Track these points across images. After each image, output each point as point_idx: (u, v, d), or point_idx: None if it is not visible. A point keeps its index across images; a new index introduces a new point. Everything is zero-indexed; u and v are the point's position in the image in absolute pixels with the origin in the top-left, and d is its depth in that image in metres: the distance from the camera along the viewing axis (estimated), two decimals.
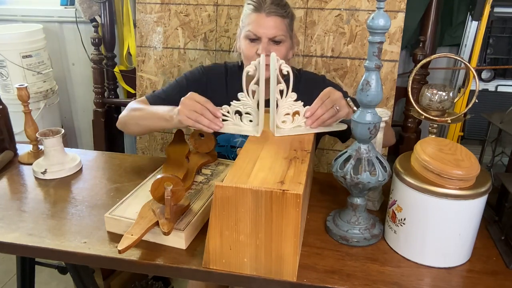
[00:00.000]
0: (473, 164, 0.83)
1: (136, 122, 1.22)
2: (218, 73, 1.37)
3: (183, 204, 0.95)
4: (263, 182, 0.79)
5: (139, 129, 1.24)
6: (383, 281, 0.83)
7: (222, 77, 1.37)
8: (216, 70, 1.38)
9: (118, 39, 2.22)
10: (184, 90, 1.27)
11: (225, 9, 1.81)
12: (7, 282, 1.97)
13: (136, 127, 1.24)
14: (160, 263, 0.87)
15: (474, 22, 1.82)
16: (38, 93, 2.16)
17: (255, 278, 0.84)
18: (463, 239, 0.86)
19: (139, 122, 1.21)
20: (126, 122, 1.25)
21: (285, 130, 1.04)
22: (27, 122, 1.30)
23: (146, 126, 1.20)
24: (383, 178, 0.88)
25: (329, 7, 1.71)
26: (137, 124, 1.22)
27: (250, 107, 1.04)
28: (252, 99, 1.03)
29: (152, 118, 1.17)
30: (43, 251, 0.94)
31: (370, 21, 0.81)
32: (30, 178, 1.22)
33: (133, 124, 1.23)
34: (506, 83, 1.91)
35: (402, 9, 1.65)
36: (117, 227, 0.95)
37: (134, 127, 1.24)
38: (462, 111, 0.98)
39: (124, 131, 1.30)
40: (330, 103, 1.02)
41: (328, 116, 1.03)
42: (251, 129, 1.05)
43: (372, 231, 0.95)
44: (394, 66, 1.71)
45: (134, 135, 1.34)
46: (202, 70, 1.37)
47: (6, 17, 2.41)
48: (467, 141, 1.95)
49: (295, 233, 0.79)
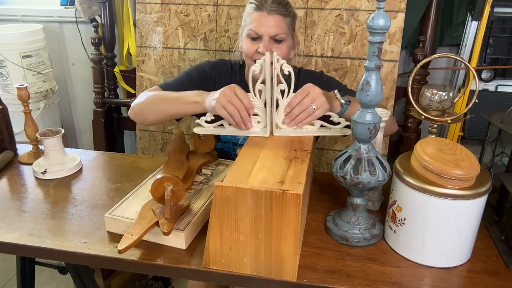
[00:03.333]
0: (473, 164, 0.83)
1: (156, 108, 1.18)
2: (225, 70, 1.38)
3: (183, 204, 0.95)
4: (263, 182, 0.79)
5: (157, 116, 1.20)
6: (383, 281, 0.83)
7: (228, 74, 1.37)
8: (224, 67, 1.39)
9: (118, 39, 2.22)
10: (194, 82, 1.29)
11: (225, 9, 1.81)
12: (7, 282, 1.98)
13: (154, 114, 1.20)
14: (160, 263, 0.87)
15: (474, 22, 1.82)
16: (38, 93, 2.16)
17: (255, 278, 0.84)
18: (463, 239, 0.86)
19: (159, 108, 1.18)
20: (142, 109, 1.21)
21: (285, 131, 1.04)
22: (27, 122, 1.30)
23: (168, 111, 1.16)
24: (383, 178, 0.88)
25: (329, 7, 1.71)
26: (156, 111, 1.19)
27: (257, 108, 1.03)
28: (259, 99, 1.02)
29: (176, 103, 1.14)
30: (43, 251, 0.94)
31: (370, 21, 0.81)
32: (30, 178, 1.22)
33: (152, 111, 1.19)
34: (506, 83, 1.91)
35: (402, 9, 1.65)
36: (117, 227, 0.95)
37: (153, 114, 1.20)
38: (462, 111, 0.98)
39: (138, 119, 1.27)
40: (308, 101, 1.02)
41: (305, 116, 1.02)
42: (259, 130, 1.04)
43: (372, 231, 0.95)
44: (394, 66, 1.71)
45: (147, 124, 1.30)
46: (212, 65, 1.37)
47: (6, 17, 2.41)
48: (467, 141, 1.95)
49: (295, 233, 0.79)
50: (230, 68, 1.38)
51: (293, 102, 1.02)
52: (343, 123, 1.06)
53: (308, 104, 1.02)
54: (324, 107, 1.03)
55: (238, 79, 1.36)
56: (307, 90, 1.03)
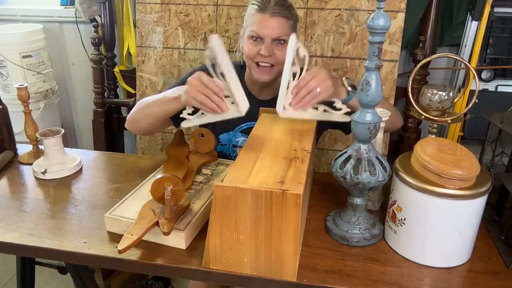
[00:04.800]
0: (473, 164, 0.83)
1: (145, 114, 1.21)
2: None
3: (183, 204, 0.95)
4: (263, 182, 0.79)
5: (148, 121, 1.22)
6: (383, 281, 0.83)
7: None
8: None
9: (118, 39, 2.22)
10: None
11: (225, 9, 1.81)
12: (7, 282, 1.98)
13: (145, 120, 1.22)
14: (160, 263, 0.87)
15: (474, 22, 1.82)
16: (38, 93, 2.16)
17: (255, 278, 0.84)
18: (463, 239, 0.86)
19: (147, 112, 1.20)
20: (134, 118, 1.25)
21: (290, 113, 1.04)
22: (27, 122, 1.30)
23: (155, 113, 1.19)
24: (383, 178, 0.88)
25: (329, 7, 1.71)
26: (145, 116, 1.21)
27: (226, 89, 1.03)
28: (224, 81, 1.02)
29: (159, 104, 1.17)
30: (43, 251, 0.94)
31: (370, 21, 0.81)
32: (30, 178, 1.22)
33: (142, 117, 1.22)
34: (506, 83, 1.91)
35: (402, 9, 1.65)
36: (117, 227, 0.95)
37: (143, 120, 1.22)
38: (462, 111, 0.98)
39: (134, 129, 1.29)
40: (314, 84, 1.02)
41: (309, 99, 1.03)
42: (233, 110, 1.04)
43: (372, 231, 0.95)
44: (394, 66, 1.71)
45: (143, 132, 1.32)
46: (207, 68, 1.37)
47: (6, 17, 2.41)
48: (467, 141, 1.95)
49: (295, 233, 0.79)
50: None
51: (300, 84, 1.03)
52: (344, 109, 1.06)
53: (314, 87, 1.02)
54: (328, 91, 1.03)
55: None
56: (314, 73, 1.03)
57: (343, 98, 1.09)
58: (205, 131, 1.19)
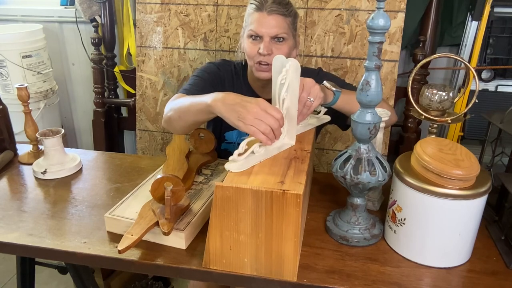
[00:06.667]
0: (473, 164, 0.83)
1: (179, 117, 1.10)
2: (229, 70, 1.38)
3: (183, 204, 0.95)
4: (263, 182, 0.79)
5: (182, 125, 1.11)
6: (383, 281, 0.83)
7: (230, 75, 1.37)
8: (227, 67, 1.38)
9: (118, 39, 2.22)
10: (208, 84, 1.29)
11: (225, 9, 1.81)
12: (7, 282, 1.97)
13: (179, 123, 1.11)
14: (160, 263, 0.87)
15: (474, 22, 1.82)
16: (38, 93, 2.16)
17: (255, 278, 0.84)
18: (463, 239, 0.86)
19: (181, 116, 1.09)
20: (170, 118, 1.13)
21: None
22: (27, 122, 1.30)
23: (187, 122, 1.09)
24: (383, 178, 0.88)
25: (329, 7, 1.71)
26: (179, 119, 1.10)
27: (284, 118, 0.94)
28: (283, 109, 0.94)
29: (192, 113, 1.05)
30: (43, 251, 0.94)
31: (370, 21, 0.81)
32: (30, 178, 1.22)
33: (177, 120, 1.11)
34: (506, 83, 1.91)
35: (402, 9, 1.65)
36: (117, 227, 0.95)
37: (178, 123, 1.12)
38: (462, 111, 0.98)
39: (172, 130, 1.19)
40: (306, 94, 1.02)
41: (307, 110, 1.03)
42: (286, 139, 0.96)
43: (372, 231, 0.95)
44: (394, 66, 1.71)
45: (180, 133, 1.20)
46: (217, 65, 1.36)
47: (6, 17, 2.41)
48: (467, 141, 1.95)
49: (295, 233, 0.79)
50: (233, 69, 1.38)
51: None
52: (323, 110, 1.11)
53: (307, 98, 1.02)
54: (319, 96, 1.04)
55: (241, 80, 1.36)
56: (301, 85, 1.01)
57: (331, 99, 1.12)
58: (205, 131, 1.19)
